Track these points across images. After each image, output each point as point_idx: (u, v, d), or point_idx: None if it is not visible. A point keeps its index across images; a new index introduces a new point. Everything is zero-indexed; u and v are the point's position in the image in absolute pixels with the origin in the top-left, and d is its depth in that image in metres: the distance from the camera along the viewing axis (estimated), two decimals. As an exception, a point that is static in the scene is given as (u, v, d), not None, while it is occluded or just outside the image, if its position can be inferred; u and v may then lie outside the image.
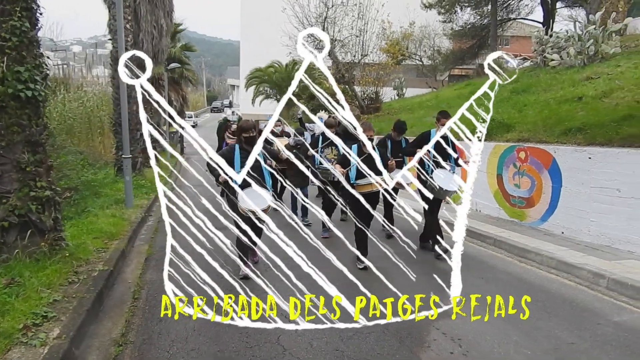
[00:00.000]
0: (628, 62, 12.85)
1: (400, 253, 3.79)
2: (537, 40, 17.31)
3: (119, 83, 12.77)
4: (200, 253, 3.59)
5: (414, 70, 34.76)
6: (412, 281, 4.44)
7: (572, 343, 4.33)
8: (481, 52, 31.71)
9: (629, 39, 16.12)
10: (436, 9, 30.86)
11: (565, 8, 29.49)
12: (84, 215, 9.00)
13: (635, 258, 6.62)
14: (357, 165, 4.96)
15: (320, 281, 3.33)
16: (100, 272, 6.00)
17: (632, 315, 5.08)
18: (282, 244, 3.54)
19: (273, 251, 3.72)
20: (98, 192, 11.43)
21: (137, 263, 7.08)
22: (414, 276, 3.75)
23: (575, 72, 13.81)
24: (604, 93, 10.83)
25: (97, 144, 20.08)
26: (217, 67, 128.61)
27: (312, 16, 22.56)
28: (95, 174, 12.94)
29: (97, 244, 7.27)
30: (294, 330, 4.49)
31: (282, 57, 30.84)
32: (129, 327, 4.77)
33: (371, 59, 24.36)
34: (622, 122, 8.39)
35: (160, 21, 18.50)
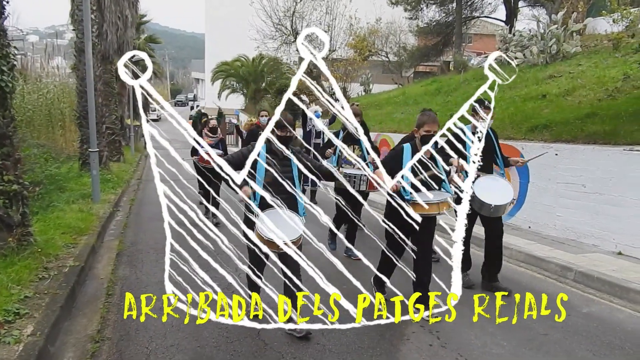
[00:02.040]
0: (589, 61, 13.27)
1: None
2: (501, 39, 17.68)
3: (83, 75, 12.43)
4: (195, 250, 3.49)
5: (380, 66, 35.01)
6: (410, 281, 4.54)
7: (545, 334, 4.47)
8: (446, 49, 32.20)
9: (589, 39, 16.64)
10: (402, 6, 31.12)
11: (527, 7, 30.23)
12: (49, 210, 8.76)
13: (599, 251, 6.86)
14: (414, 173, 4.03)
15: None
16: (71, 268, 5.87)
17: (600, 306, 5.28)
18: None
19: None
20: (62, 187, 11.12)
21: (108, 259, 6.94)
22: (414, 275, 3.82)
23: (539, 71, 14.18)
24: (567, 91, 11.16)
25: (59, 137, 19.51)
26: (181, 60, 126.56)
27: (280, 10, 22.49)
28: (58, 168, 12.59)
29: (66, 239, 7.09)
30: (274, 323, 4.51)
31: (249, 51, 30.68)
32: (104, 324, 4.68)
33: (339, 54, 24.44)
34: (586, 119, 8.67)
35: (125, 12, 18.05)
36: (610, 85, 10.42)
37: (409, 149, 4.75)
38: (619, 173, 6.85)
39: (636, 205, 6.59)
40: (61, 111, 19.51)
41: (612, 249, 6.87)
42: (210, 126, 8.81)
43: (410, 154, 4.69)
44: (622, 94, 9.73)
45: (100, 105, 14.99)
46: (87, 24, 10.77)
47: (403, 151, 4.76)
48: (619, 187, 6.81)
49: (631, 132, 7.53)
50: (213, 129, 8.83)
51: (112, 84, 18.93)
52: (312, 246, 3.28)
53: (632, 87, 9.79)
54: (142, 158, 26.08)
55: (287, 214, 3.84)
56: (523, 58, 15.63)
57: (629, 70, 10.30)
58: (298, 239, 3.86)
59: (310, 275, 3.20)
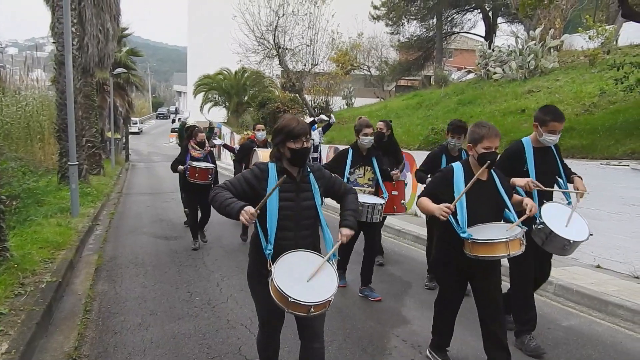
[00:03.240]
0: (566, 77, 13.54)
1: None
2: (480, 54, 17.97)
3: (63, 87, 12.33)
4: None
5: (362, 80, 35.30)
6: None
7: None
8: (427, 63, 32.66)
9: (566, 55, 16.99)
10: (384, 21, 31.55)
11: (505, 23, 30.85)
12: (27, 224, 8.62)
13: (578, 265, 6.94)
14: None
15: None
16: (49, 284, 5.75)
17: (579, 319, 5.33)
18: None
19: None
20: (40, 201, 10.98)
21: (87, 274, 6.83)
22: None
23: (518, 86, 14.42)
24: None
25: (37, 150, 19.25)
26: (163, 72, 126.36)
27: (263, 24, 22.57)
28: (37, 182, 12.40)
29: (44, 254, 6.97)
30: (254, 340, 4.48)
31: (232, 64, 30.69)
32: (82, 341, 4.58)
33: (321, 68, 24.59)
34: (564, 134, 8.75)
35: (107, 25, 18.02)
36: (587, 101, 10.64)
37: (460, 170, 3.69)
38: (596, 187, 6.93)
39: (613, 219, 6.70)
40: (40, 124, 19.25)
41: (590, 262, 6.95)
42: (198, 139, 8.07)
43: (462, 176, 3.64)
44: (598, 109, 9.93)
45: (81, 118, 14.85)
46: (68, 37, 10.69)
47: (453, 173, 3.69)
48: (596, 200, 6.90)
49: (608, 146, 7.67)
50: (201, 143, 8.11)
51: (92, 96, 18.78)
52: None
53: (608, 103, 10.00)
54: (123, 171, 25.85)
55: (314, 259, 2.98)
56: (502, 73, 15.90)
57: (605, 86, 10.52)
58: (328, 300, 2.80)
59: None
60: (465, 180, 3.57)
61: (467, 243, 3.47)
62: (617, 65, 8.76)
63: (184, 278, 6.58)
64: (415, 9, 30.12)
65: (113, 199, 14.93)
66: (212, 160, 8.25)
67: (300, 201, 3.07)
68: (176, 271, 6.93)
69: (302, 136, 3.03)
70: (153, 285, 6.26)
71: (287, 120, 3.12)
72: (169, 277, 6.63)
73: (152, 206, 13.35)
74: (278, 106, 25.13)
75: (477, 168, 3.56)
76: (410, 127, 14.02)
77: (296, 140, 3.02)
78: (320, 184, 3.20)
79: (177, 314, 5.21)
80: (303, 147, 3.04)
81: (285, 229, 3.02)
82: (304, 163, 3.12)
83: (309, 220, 3.11)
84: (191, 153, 8.02)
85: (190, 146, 8.07)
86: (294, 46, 23.44)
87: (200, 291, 6.01)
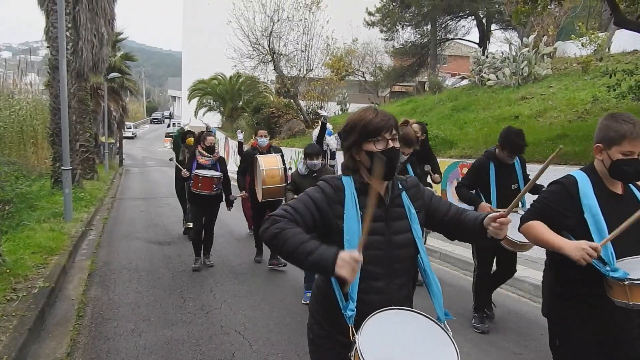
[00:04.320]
0: (559, 84, 13.64)
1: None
2: (474, 61, 18.08)
3: (57, 92, 12.28)
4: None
5: (356, 86, 35.39)
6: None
7: (519, 354, 4.50)
8: (421, 70, 32.76)
9: (559, 62, 17.12)
10: (378, 27, 31.67)
11: (499, 30, 31.02)
12: (19, 229, 8.58)
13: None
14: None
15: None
16: (41, 289, 5.73)
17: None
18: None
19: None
20: (33, 205, 10.93)
21: (80, 279, 6.80)
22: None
23: (511, 92, 14.50)
24: (538, 112, 11.44)
25: (30, 154, 19.20)
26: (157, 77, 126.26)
27: (258, 30, 22.62)
28: (30, 186, 12.35)
29: (36, 259, 6.93)
30: (248, 346, 4.48)
31: (226, 69, 30.73)
32: (74, 347, 4.56)
33: (316, 74, 24.65)
34: (557, 140, 8.87)
35: (101, 29, 17.97)
36: (580, 107, 10.71)
37: (586, 181, 2.52)
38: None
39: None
40: (34, 128, 19.21)
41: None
42: (206, 144, 7.21)
43: (590, 189, 2.48)
44: (591, 116, 10.00)
45: (74, 123, 14.79)
46: (62, 41, 10.67)
47: (577, 185, 2.49)
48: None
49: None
50: (210, 148, 7.25)
51: (86, 101, 18.72)
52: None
53: (601, 109, 10.08)
54: (117, 176, 25.76)
55: (417, 322, 1.99)
56: (496, 80, 15.98)
57: (598, 93, 10.60)
58: None
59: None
60: (596, 195, 2.43)
61: (619, 286, 2.25)
62: (609, 73, 8.83)
63: (177, 284, 6.56)
64: (410, 15, 30.25)
65: (107, 204, 14.87)
66: (222, 167, 7.34)
67: (392, 235, 2.08)
68: (170, 277, 6.91)
69: (384, 131, 2.05)
70: (146, 290, 6.23)
71: (360, 113, 2.15)
72: (163, 282, 6.61)
73: (145, 211, 13.30)
74: (273, 111, 25.16)
75: (610, 179, 2.51)
76: (405, 133, 14.02)
77: (377, 139, 2.05)
78: (418, 207, 2.19)
79: (170, 320, 5.19)
80: (388, 147, 2.05)
81: (371, 278, 2.05)
82: (392, 174, 2.11)
83: (404, 264, 2.14)
84: (198, 160, 7.18)
85: (197, 152, 7.26)
86: (288, 52, 23.51)
87: (194, 297, 5.99)
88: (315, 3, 23.11)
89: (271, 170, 6.87)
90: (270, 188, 6.81)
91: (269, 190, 6.82)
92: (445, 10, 27.55)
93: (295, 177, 6.15)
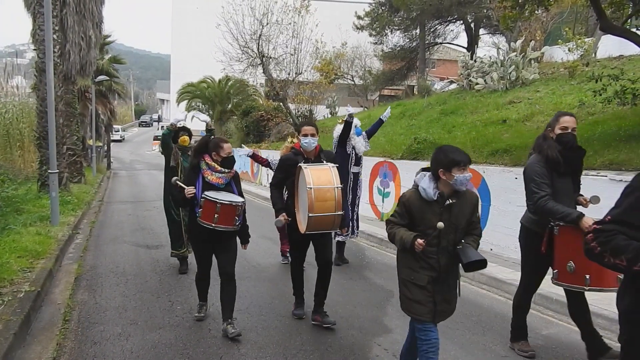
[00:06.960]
0: (546, 88, 13.76)
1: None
2: (463, 65, 18.19)
3: (44, 95, 12.19)
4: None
5: (346, 89, 35.48)
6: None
7: (505, 356, 4.53)
8: (410, 73, 32.98)
9: (546, 66, 17.27)
10: (367, 31, 31.83)
11: (487, 34, 31.28)
12: (5, 233, 8.49)
13: (558, 272, 7.00)
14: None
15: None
16: (27, 293, 5.67)
17: (559, 328, 5.38)
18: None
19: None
20: (20, 209, 10.83)
21: (66, 283, 6.73)
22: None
23: (499, 96, 14.61)
24: (526, 117, 11.53)
25: (17, 157, 19.07)
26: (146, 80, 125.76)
27: (247, 33, 22.60)
28: (16, 190, 12.24)
29: (22, 263, 6.86)
30: (236, 349, 4.46)
31: (215, 72, 30.67)
32: (60, 351, 4.51)
33: (305, 77, 24.68)
34: (544, 144, 8.94)
35: (89, 32, 17.86)
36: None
37: None
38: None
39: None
40: (20, 131, 19.08)
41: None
42: (223, 154, 4.87)
43: None
44: (577, 120, 10.08)
45: (61, 126, 14.69)
46: (49, 44, 10.60)
47: None
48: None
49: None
50: (228, 160, 4.92)
51: (74, 104, 18.59)
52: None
53: (587, 114, 10.18)
54: (104, 179, 25.59)
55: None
56: (484, 84, 16.09)
57: (584, 98, 10.70)
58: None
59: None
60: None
61: None
62: (595, 77, 8.92)
63: (165, 287, 6.52)
64: (399, 19, 30.43)
65: (94, 207, 14.76)
66: (238, 189, 5.11)
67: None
68: (157, 280, 6.87)
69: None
70: (134, 294, 6.19)
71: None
72: (150, 286, 6.57)
73: (133, 215, 13.22)
74: (262, 115, 25.13)
75: None
76: (394, 136, 14.10)
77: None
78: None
79: (158, 324, 5.16)
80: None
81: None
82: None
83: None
84: (206, 176, 4.86)
85: (205, 165, 4.89)
86: (277, 55, 23.50)
87: (182, 300, 5.96)
88: (304, 7, 23.15)
89: (322, 190, 4.59)
90: (319, 217, 4.59)
91: (317, 220, 4.61)
92: (434, 14, 27.71)
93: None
